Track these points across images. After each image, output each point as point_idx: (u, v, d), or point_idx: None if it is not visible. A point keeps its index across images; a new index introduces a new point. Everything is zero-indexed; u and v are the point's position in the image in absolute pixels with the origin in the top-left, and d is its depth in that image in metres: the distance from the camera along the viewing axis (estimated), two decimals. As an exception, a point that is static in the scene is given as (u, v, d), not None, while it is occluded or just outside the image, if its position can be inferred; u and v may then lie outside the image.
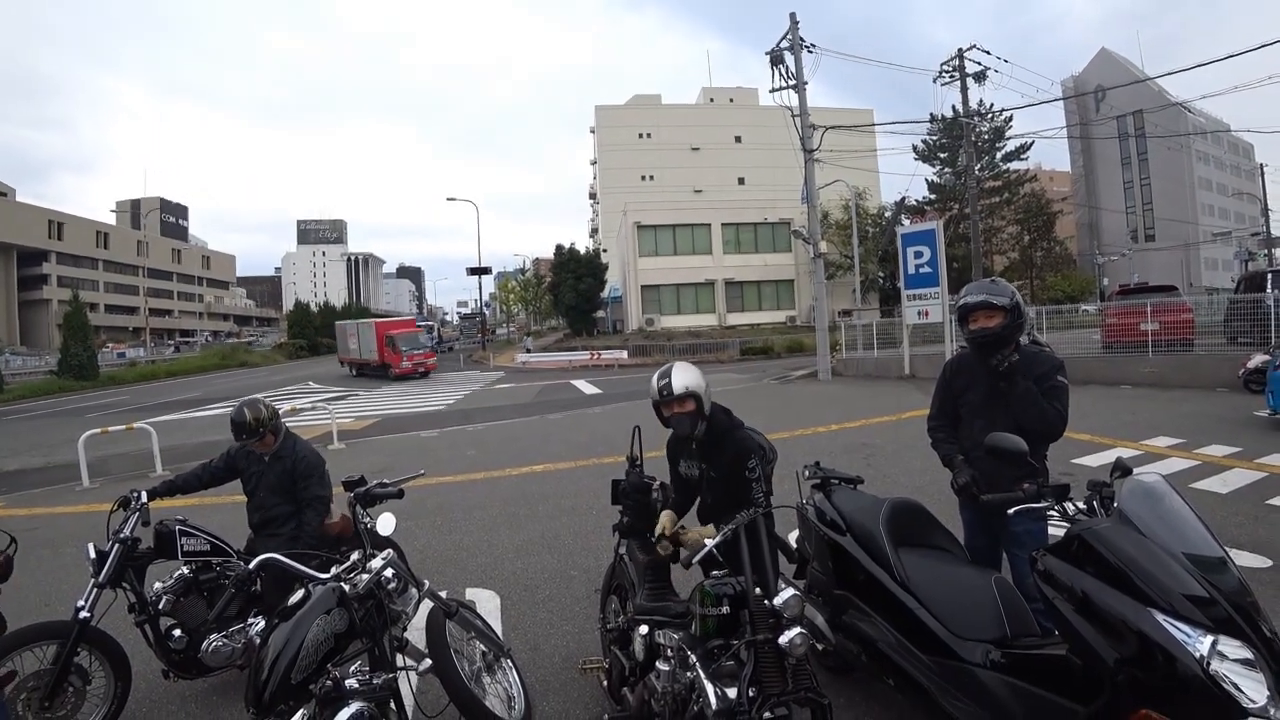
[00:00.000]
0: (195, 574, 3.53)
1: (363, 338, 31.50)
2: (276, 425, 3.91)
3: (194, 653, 3.34)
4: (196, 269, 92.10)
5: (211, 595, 3.52)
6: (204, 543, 3.62)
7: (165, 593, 3.43)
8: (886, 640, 2.72)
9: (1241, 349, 12.93)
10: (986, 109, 36.75)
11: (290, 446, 3.92)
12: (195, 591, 3.51)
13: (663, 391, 2.93)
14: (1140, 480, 2.13)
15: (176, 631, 3.41)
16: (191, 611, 3.45)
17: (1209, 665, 1.69)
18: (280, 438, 3.91)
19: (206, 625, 3.38)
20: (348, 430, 13.45)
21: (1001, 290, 3.02)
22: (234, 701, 3.48)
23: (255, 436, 3.78)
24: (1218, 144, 64.69)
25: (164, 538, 3.51)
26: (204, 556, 3.59)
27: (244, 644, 3.37)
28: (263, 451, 3.87)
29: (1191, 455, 7.56)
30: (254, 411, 3.79)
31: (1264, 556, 4.64)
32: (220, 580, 3.58)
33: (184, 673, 3.40)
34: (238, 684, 3.56)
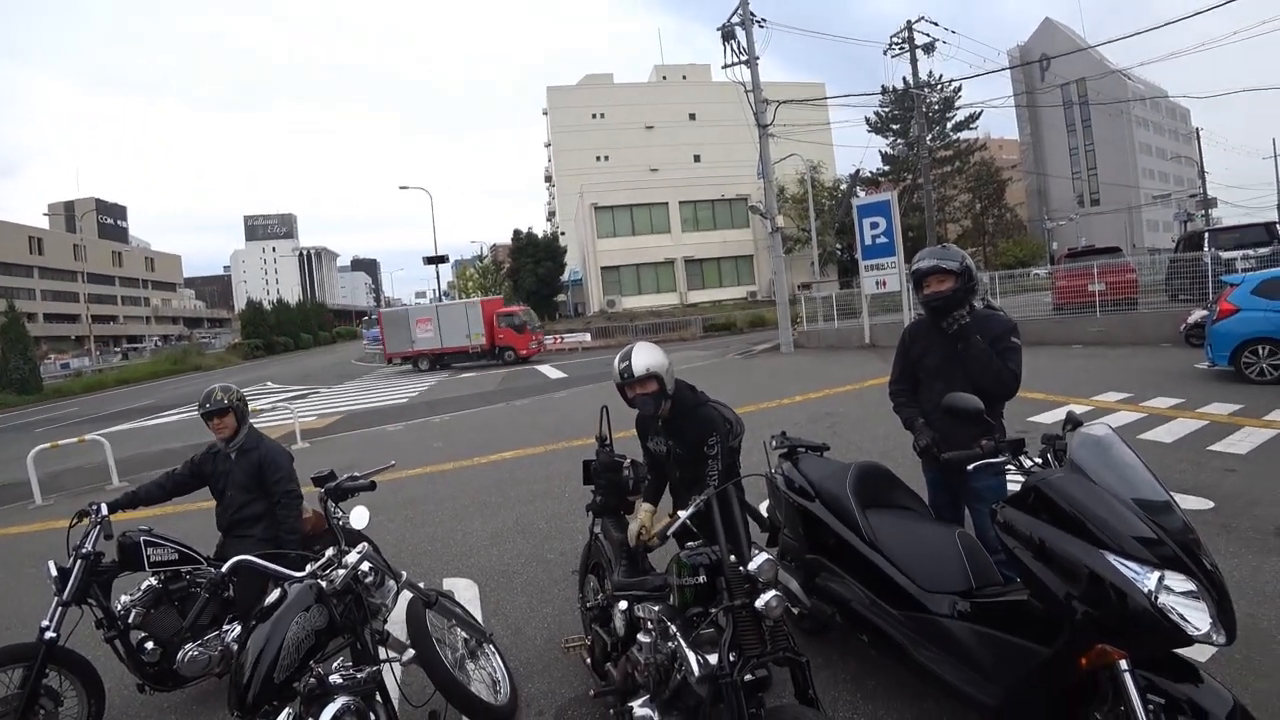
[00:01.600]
0: (164, 584, 3.44)
1: (449, 322, 27.37)
2: (243, 412, 3.85)
3: (169, 664, 3.27)
4: (140, 271, 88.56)
5: (183, 604, 3.44)
6: (171, 552, 3.51)
7: (134, 605, 3.34)
8: (859, 599, 2.82)
9: (1182, 306, 13.51)
10: (936, 80, 37.32)
11: (256, 441, 3.86)
12: (165, 602, 3.42)
13: (624, 374, 2.95)
14: (1090, 432, 2.23)
15: (149, 644, 3.32)
16: (163, 623, 3.37)
17: (1157, 599, 1.80)
18: (244, 428, 3.85)
19: (180, 635, 3.31)
20: (311, 429, 13.20)
21: (952, 255, 3.12)
22: (214, 710, 3.44)
23: (219, 411, 3.72)
24: (1156, 110, 66.97)
25: (128, 549, 3.40)
26: (172, 566, 3.49)
27: (220, 651, 3.32)
28: (223, 436, 3.77)
29: (1139, 408, 7.92)
30: (225, 390, 3.81)
31: (1206, 499, 4.91)
32: (191, 589, 3.49)
33: (160, 685, 3.32)
34: (217, 692, 3.51)
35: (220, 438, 3.80)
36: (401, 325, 28.26)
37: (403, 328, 28.08)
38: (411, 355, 28.02)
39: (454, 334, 27.14)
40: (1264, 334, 8.66)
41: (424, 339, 27.64)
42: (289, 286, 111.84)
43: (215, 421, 3.76)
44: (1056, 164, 66.19)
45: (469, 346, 26.96)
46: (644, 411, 3.05)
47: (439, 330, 27.31)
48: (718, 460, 2.92)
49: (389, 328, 28.73)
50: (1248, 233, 16.26)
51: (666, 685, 2.20)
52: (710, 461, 2.90)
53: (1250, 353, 8.80)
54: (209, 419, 3.76)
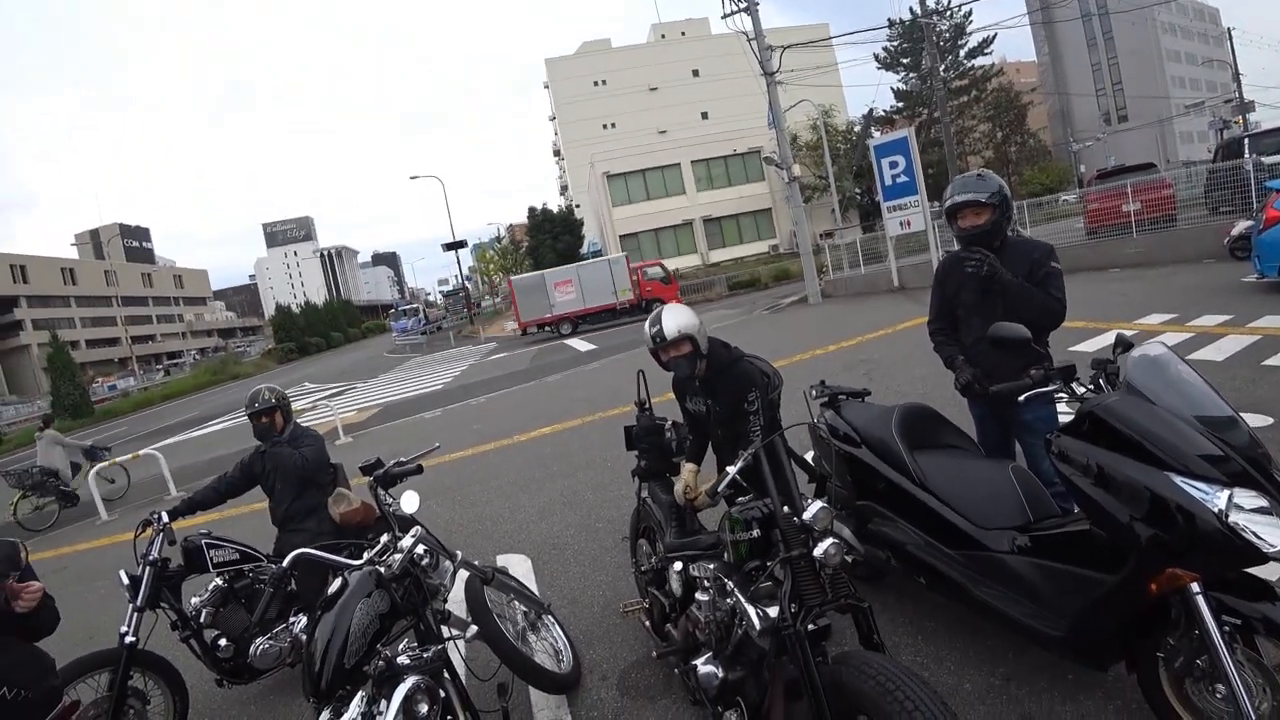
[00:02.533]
0: (230, 583, 3.59)
1: (592, 281, 26.82)
2: (288, 409, 4.03)
3: (243, 659, 3.42)
4: (170, 289, 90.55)
5: (249, 601, 3.59)
6: (232, 552, 3.67)
7: (203, 606, 3.50)
8: (914, 542, 2.79)
9: (1225, 218, 12.94)
10: (945, 6, 35.84)
11: (299, 433, 4.03)
12: (233, 600, 3.58)
13: (656, 338, 2.93)
14: (1144, 353, 2.14)
15: (222, 641, 3.48)
16: (233, 620, 3.52)
17: (1228, 517, 1.73)
18: (290, 425, 4.01)
19: (250, 630, 3.44)
20: (351, 423, 13.47)
21: (989, 185, 2.99)
22: (290, 698, 3.59)
23: (267, 410, 3.90)
24: (1183, 13, 63.52)
25: (192, 553, 3.56)
26: (235, 565, 3.65)
27: (290, 642, 3.45)
28: (274, 434, 3.93)
29: (1185, 328, 7.65)
30: (271, 390, 4.01)
31: (1265, 415, 4.74)
32: (255, 585, 3.65)
33: (237, 679, 3.49)
34: (292, 681, 3.66)
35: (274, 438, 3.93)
36: (537, 291, 27.34)
37: (539, 293, 27.27)
38: (550, 320, 27.17)
39: (598, 293, 26.72)
40: (1316, 237, 8.25)
41: (564, 301, 27.06)
42: (314, 288, 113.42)
43: (263, 420, 3.91)
44: (1078, 82, 63.40)
45: (615, 304, 26.63)
46: (680, 373, 3.03)
47: (581, 291, 26.84)
48: (759, 415, 2.90)
49: (522, 295, 27.66)
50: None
51: (728, 641, 2.21)
52: (751, 417, 2.88)
53: (1302, 258, 8.40)
54: (256, 419, 3.92)
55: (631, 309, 26.58)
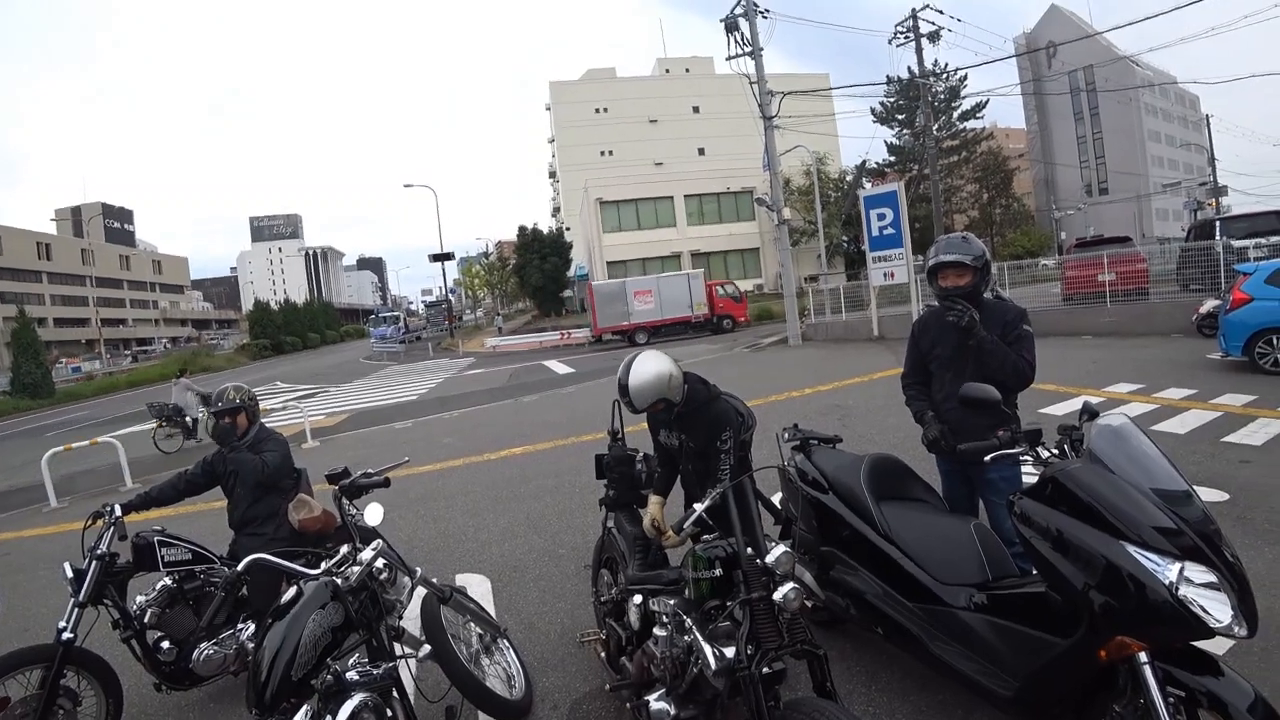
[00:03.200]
0: (179, 584, 3.46)
1: (671, 294, 27.44)
2: (255, 411, 3.89)
3: (185, 663, 3.30)
4: (148, 274, 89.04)
5: (198, 604, 3.47)
6: (185, 551, 3.54)
7: (149, 605, 3.37)
8: (873, 591, 2.81)
9: (1194, 295, 13.39)
10: (941, 69, 37.03)
11: (264, 435, 3.90)
12: (181, 601, 3.45)
13: (628, 406, 2.94)
14: (1108, 422, 2.20)
15: (165, 643, 3.35)
16: (178, 622, 3.40)
17: (1177, 590, 1.78)
18: (255, 427, 3.88)
19: (195, 634, 3.33)
20: (321, 427, 13.26)
21: (973, 248, 3.07)
22: (231, 707, 3.47)
23: (231, 410, 3.77)
24: (1165, 96, 66.21)
25: (143, 550, 3.42)
26: (186, 565, 3.52)
27: (236, 649, 3.35)
28: (236, 435, 3.81)
29: (1151, 399, 7.85)
30: (237, 390, 3.87)
31: (1222, 490, 4.86)
32: (205, 588, 3.52)
33: (176, 684, 3.35)
34: (233, 690, 3.54)
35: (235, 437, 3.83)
36: (617, 299, 27.66)
37: (618, 301, 27.60)
38: (628, 329, 27.47)
39: (676, 305, 27.31)
40: (1278, 324, 8.57)
41: (642, 311, 27.50)
42: (295, 286, 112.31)
43: (227, 420, 3.80)
44: (1064, 153, 65.58)
45: (691, 317, 27.27)
46: (658, 420, 3.06)
47: (660, 302, 27.35)
48: (730, 455, 2.92)
49: (602, 301, 27.82)
50: (1259, 220, 16.07)
51: (683, 679, 2.20)
52: (723, 456, 2.90)
53: (1265, 343, 8.71)
54: (220, 418, 3.80)
55: (704, 323, 27.32)
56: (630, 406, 2.93)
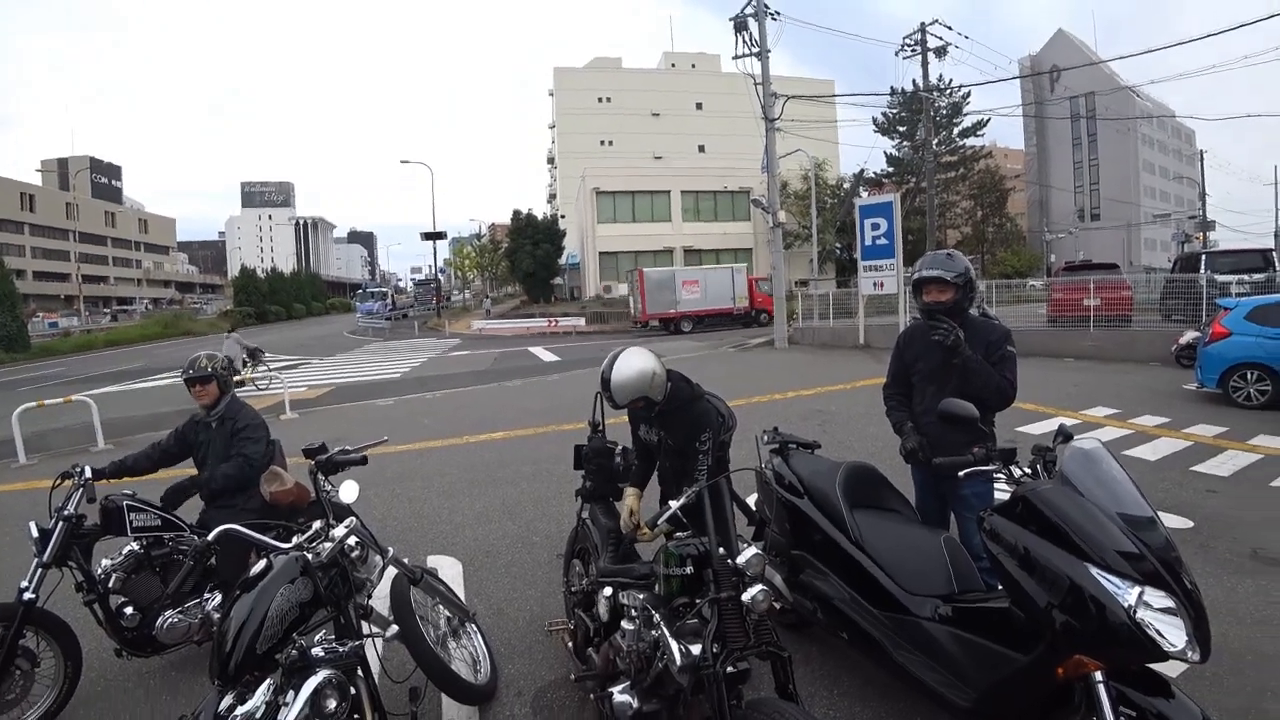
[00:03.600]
0: (146, 550, 3.39)
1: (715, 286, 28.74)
2: (226, 381, 3.85)
3: (148, 630, 3.26)
4: (133, 233, 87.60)
5: (164, 571, 3.42)
6: (154, 518, 3.47)
7: (114, 570, 3.31)
8: (841, 597, 2.84)
9: (1175, 326, 13.59)
10: (946, 84, 37.21)
11: (236, 409, 3.84)
12: (146, 568, 3.39)
13: (610, 401, 2.95)
14: (1080, 446, 2.24)
15: (128, 609, 3.30)
16: (143, 588, 3.35)
17: (1135, 613, 1.82)
18: (226, 397, 3.84)
19: (160, 602, 3.29)
20: (301, 399, 13.16)
21: (956, 265, 3.11)
22: (193, 676, 3.43)
23: (202, 378, 3.73)
24: (1162, 129, 66.99)
25: (111, 513, 3.36)
26: (155, 532, 3.45)
27: (200, 619, 3.31)
28: (204, 403, 3.78)
29: (1126, 425, 7.99)
30: (210, 359, 3.82)
31: (1187, 518, 4.97)
32: (173, 556, 3.45)
33: (138, 651, 3.31)
34: (196, 659, 3.51)
35: (201, 404, 3.81)
36: (666, 287, 28.60)
37: (667, 289, 28.54)
38: (674, 317, 28.47)
39: (720, 297, 28.39)
40: (1254, 359, 8.73)
41: (689, 300, 28.59)
42: (284, 255, 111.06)
43: (197, 389, 3.76)
44: (1060, 176, 66.14)
45: (733, 309, 28.43)
46: (639, 417, 3.08)
47: (705, 293, 28.44)
48: (708, 456, 2.94)
49: (651, 288, 28.53)
50: (1244, 258, 16.34)
51: (647, 673, 2.22)
52: (700, 457, 2.92)
53: (1239, 377, 8.87)
54: (191, 385, 3.76)
55: (744, 315, 28.44)
56: (611, 401, 2.94)
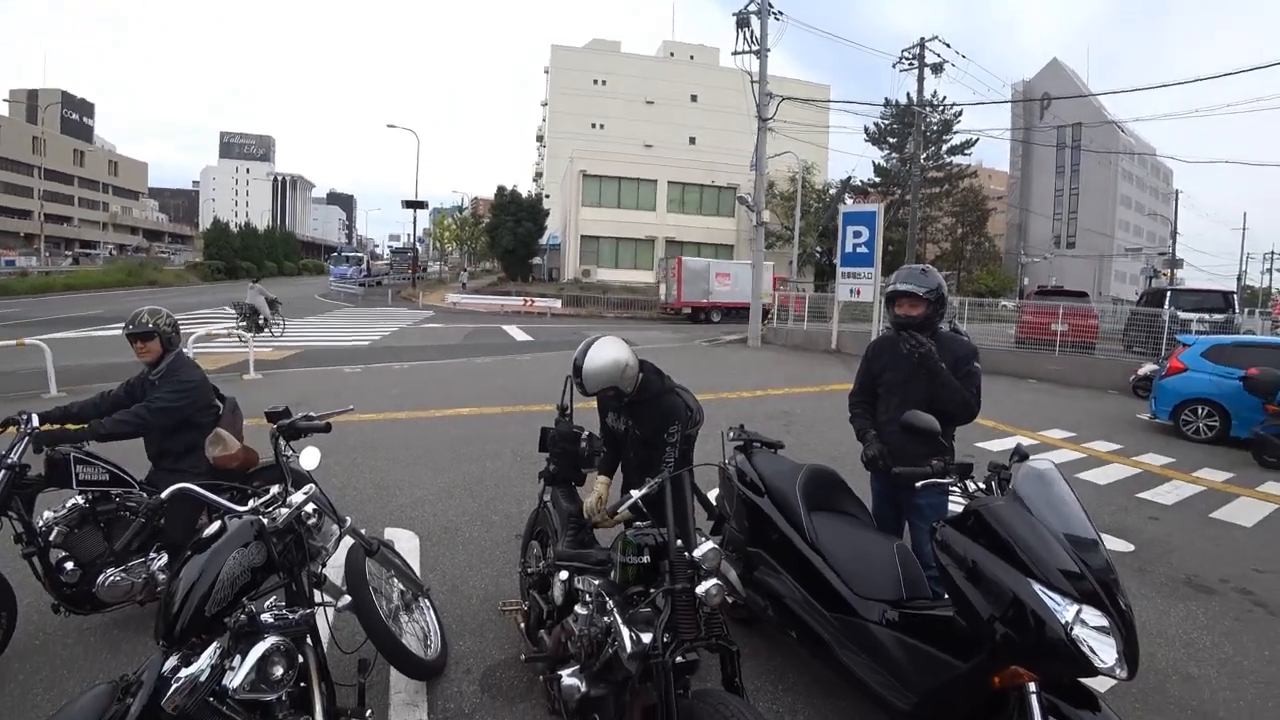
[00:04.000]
0: (91, 505, 3.26)
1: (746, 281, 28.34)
2: (171, 339, 3.62)
3: (88, 587, 3.13)
4: (102, 174, 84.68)
5: (108, 527, 3.29)
6: (102, 471, 3.30)
7: (56, 523, 3.18)
8: (793, 596, 2.90)
9: (1135, 357, 14.03)
10: (939, 101, 37.59)
11: (178, 366, 3.60)
12: (90, 523, 3.25)
13: (579, 389, 2.95)
14: (1034, 466, 2.31)
15: (69, 564, 3.17)
16: (86, 544, 3.22)
17: (1072, 630, 1.90)
18: (170, 355, 3.61)
19: (103, 559, 3.18)
20: (266, 360, 12.91)
21: (929, 282, 3.17)
22: (135, 636, 3.36)
23: (143, 334, 3.51)
24: (1142, 165, 68.75)
25: (57, 464, 3.20)
26: (102, 486, 3.29)
27: (144, 579, 3.21)
28: (146, 360, 3.58)
29: (1079, 448, 8.23)
30: (154, 314, 3.58)
31: (1128, 542, 5.16)
32: (119, 512, 3.32)
33: (76, 608, 3.19)
34: (136, 620, 3.43)
35: (144, 361, 3.60)
36: (701, 277, 29.53)
37: (702, 280, 29.47)
38: (705, 306, 29.33)
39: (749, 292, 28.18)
40: (1205, 395, 9.05)
41: (720, 292, 29.31)
42: (259, 211, 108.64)
43: (138, 345, 3.55)
44: (1040, 202, 67.42)
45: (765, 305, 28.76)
46: (609, 406, 3.09)
47: (735, 286, 28.68)
48: (674, 449, 2.96)
49: (689, 277, 29.49)
50: (1207, 298, 16.91)
51: (597, 658, 2.24)
52: (668, 449, 2.94)
53: (1190, 411, 9.19)
54: (132, 341, 3.55)
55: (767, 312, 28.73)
56: (581, 388, 2.94)
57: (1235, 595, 4.40)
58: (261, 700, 1.96)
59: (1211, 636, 3.82)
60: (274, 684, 1.96)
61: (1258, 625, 4.00)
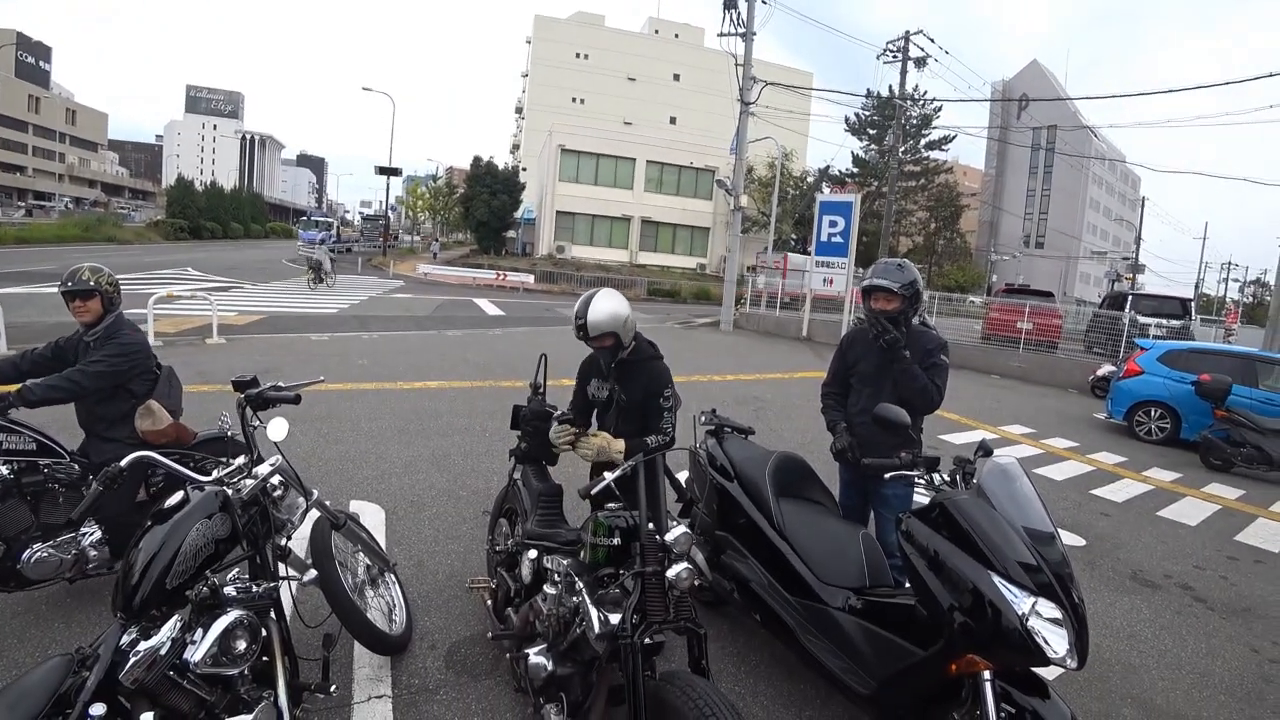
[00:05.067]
0: (16, 476, 3.01)
1: None
2: (112, 299, 3.33)
3: (13, 564, 2.92)
4: (59, 123, 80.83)
5: (35, 500, 3.06)
6: (29, 441, 3.09)
7: None
8: (759, 581, 2.95)
9: (1095, 358, 14.44)
10: (921, 95, 37.80)
11: (117, 329, 3.32)
12: (15, 495, 3.01)
13: (579, 331, 2.93)
14: (999, 462, 2.38)
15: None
16: (10, 517, 2.99)
17: (1027, 621, 1.97)
18: (110, 316, 3.33)
19: (29, 533, 2.99)
20: (230, 325, 12.57)
21: (905, 276, 3.21)
22: (90, 606, 3.22)
23: (82, 292, 3.22)
24: (1112, 171, 70.44)
25: None
26: (29, 456, 3.07)
27: (74, 555, 3.03)
28: (84, 321, 3.28)
29: (1038, 444, 8.47)
30: (95, 271, 3.28)
31: (1081, 537, 5.35)
32: (48, 484, 3.08)
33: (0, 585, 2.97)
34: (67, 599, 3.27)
35: (81, 322, 3.31)
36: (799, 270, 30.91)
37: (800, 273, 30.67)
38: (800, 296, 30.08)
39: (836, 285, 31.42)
40: (1158, 398, 9.37)
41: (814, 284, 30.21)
42: (225, 170, 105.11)
43: (76, 304, 3.25)
44: (1013, 201, 68.62)
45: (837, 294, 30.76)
46: (602, 359, 3.07)
47: None
48: (672, 413, 2.98)
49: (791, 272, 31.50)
50: (1165, 303, 17.43)
51: (565, 637, 2.25)
52: (665, 414, 2.98)
53: (1143, 413, 9.52)
54: (70, 299, 3.25)
55: None
56: (582, 331, 2.91)
57: (1177, 591, 4.60)
58: (223, 674, 1.93)
59: (1153, 629, 3.99)
60: (236, 658, 1.93)
61: (1197, 620, 4.19)
